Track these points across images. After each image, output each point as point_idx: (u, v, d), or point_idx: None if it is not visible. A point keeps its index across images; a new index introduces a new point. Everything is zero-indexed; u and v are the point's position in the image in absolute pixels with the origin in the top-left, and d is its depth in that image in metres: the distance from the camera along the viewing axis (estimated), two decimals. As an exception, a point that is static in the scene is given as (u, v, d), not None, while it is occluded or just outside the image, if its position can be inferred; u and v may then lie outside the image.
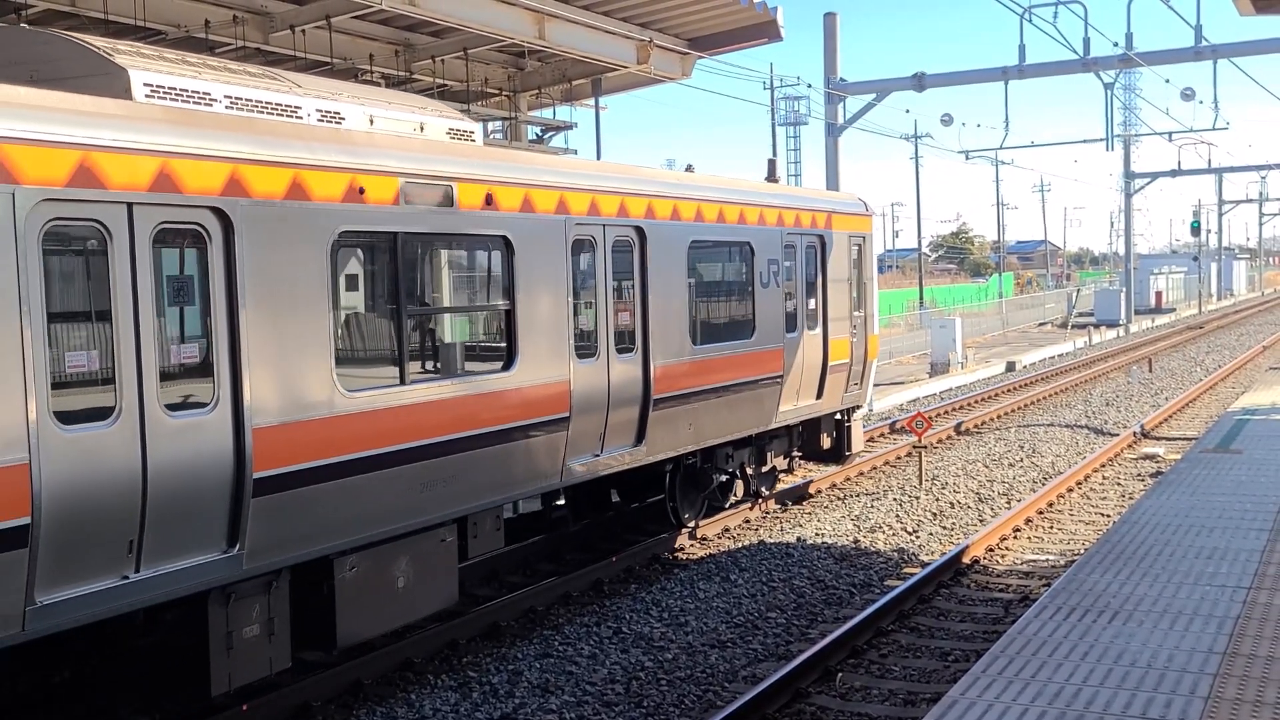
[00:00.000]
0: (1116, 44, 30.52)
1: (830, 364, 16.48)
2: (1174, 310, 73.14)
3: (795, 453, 16.70)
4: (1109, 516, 16.18)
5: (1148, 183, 68.22)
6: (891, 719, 9.41)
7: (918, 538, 15.35)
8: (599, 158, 25.91)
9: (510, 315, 10.76)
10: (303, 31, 19.65)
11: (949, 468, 19.88)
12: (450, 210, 10.09)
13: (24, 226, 6.89)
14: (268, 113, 9.28)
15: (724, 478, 15.03)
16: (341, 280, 9.41)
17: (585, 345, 11.81)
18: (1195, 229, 79.36)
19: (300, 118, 9.56)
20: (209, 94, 9.02)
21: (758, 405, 14.81)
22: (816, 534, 15.45)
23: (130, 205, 7.51)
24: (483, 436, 10.39)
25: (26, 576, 6.97)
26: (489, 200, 10.46)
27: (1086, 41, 31.23)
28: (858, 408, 17.93)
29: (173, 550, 7.82)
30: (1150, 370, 35.22)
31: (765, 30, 25.24)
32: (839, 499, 17.67)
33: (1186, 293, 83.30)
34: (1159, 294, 75.87)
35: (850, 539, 15.20)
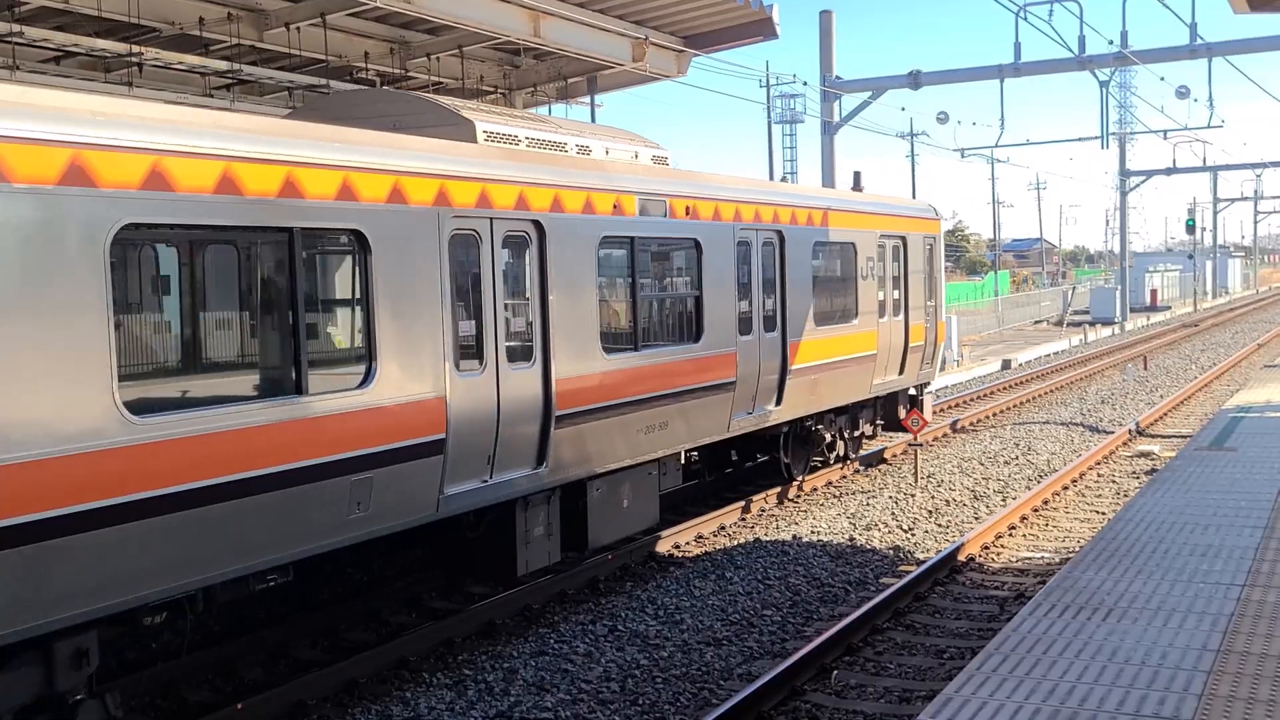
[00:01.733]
0: (1112, 42, 30.55)
1: (910, 345, 19.33)
2: (1169, 308, 73.21)
3: (878, 421, 19.34)
4: (1104, 514, 16.19)
5: (1143, 181, 68.33)
6: (887, 716, 9.41)
7: (913, 535, 15.36)
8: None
9: (699, 301, 13.90)
10: (297, 29, 19.63)
11: (944, 465, 19.89)
12: (664, 219, 13.30)
13: (441, 234, 10.09)
14: (545, 149, 12.18)
15: (829, 438, 17.81)
16: (601, 271, 12.28)
17: (745, 325, 14.78)
18: (1190, 227, 79.49)
19: (565, 151, 12.53)
20: (515, 136, 11.91)
21: (858, 378, 17.76)
22: (812, 532, 15.45)
23: (491, 219, 10.72)
24: (680, 393, 13.42)
25: (440, 475, 10.07)
26: (689, 211, 13.71)
27: (1082, 40, 31.27)
28: (928, 383, 20.69)
29: (509, 464, 10.93)
30: (1145, 368, 35.26)
31: (761, 28, 25.23)
32: (834, 497, 17.68)
33: (1181, 290, 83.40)
34: (1154, 292, 75.92)
35: (846, 537, 15.21)
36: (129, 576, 7.64)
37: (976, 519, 16.20)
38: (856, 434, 18.66)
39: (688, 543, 14.98)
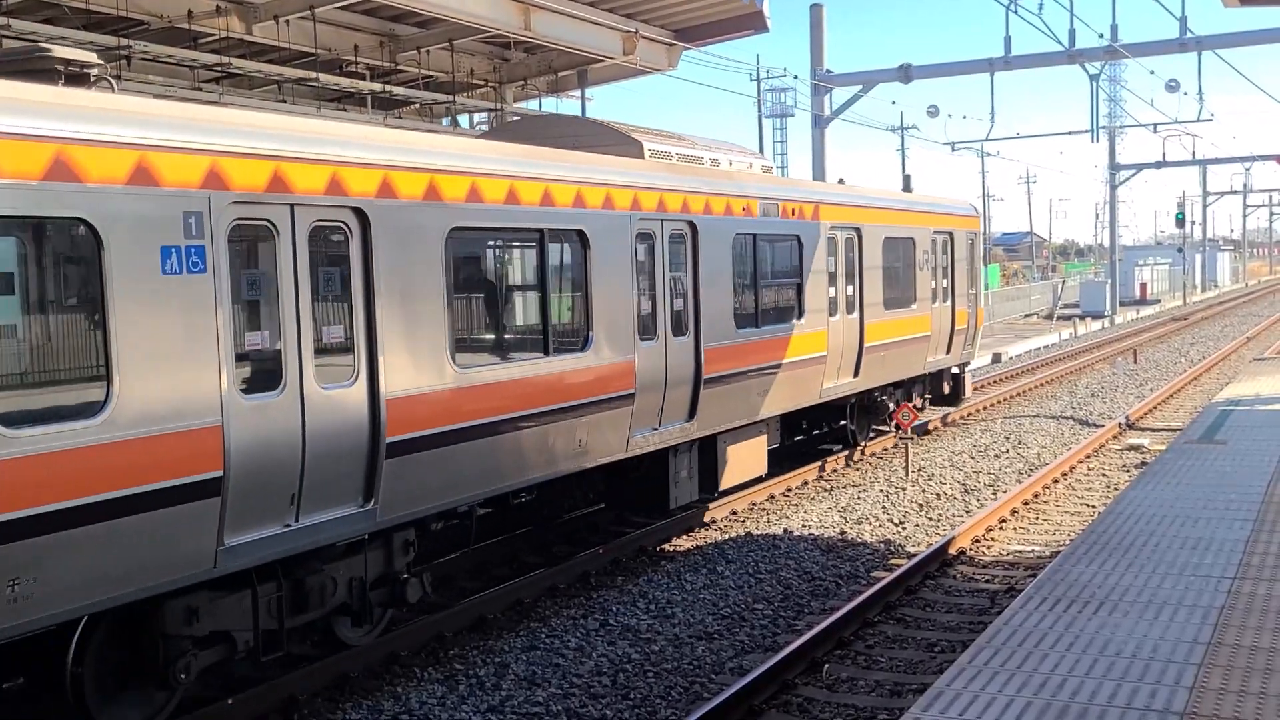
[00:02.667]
0: (1102, 35, 30.59)
1: (955, 328, 21.93)
2: (1159, 302, 73.36)
3: (927, 395, 21.98)
4: (1094, 507, 16.22)
5: (1133, 174, 68.40)
6: (878, 710, 9.42)
7: (904, 529, 15.38)
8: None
9: (800, 289, 16.27)
10: (286, 22, 19.58)
11: (935, 459, 19.92)
12: (777, 219, 15.73)
13: (631, 232, 12.70)
14: (690, 163, 14.63)
15: (893, 406, 19.90)
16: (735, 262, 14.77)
17: (833, 307, 17.31)
18: (1180, 220, 79.59)
19: (702, 163, 14.92)
20: (670, 153, 14.42)
21: (916, 356, 20.29)
22: (803, 526, 15.46)
23: (662, 221, 13.41)
24: (785, 364, 15.88)
25: (629, 421, 12.68)
26: (793, 212, 16.17)
27: (1072, 33, 31.30)
28: (969, 362, 23.35)
29: (671, 418, 13.53)
30: (1135, 361, 35.33)
31: (751, 21, 25.24)
32: (825, 490, 17.69)
33: (1171, 284, 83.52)
34: (1144, 285, 76.07)
35: (837, 530, 15.22)
36: (454, 484, 10.39)
37: (967, 512, 16.22)
38: (913, 404, 20.66)
39: (678, 537, 14.98)
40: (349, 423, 9.20)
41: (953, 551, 13.83)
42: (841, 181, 20.88)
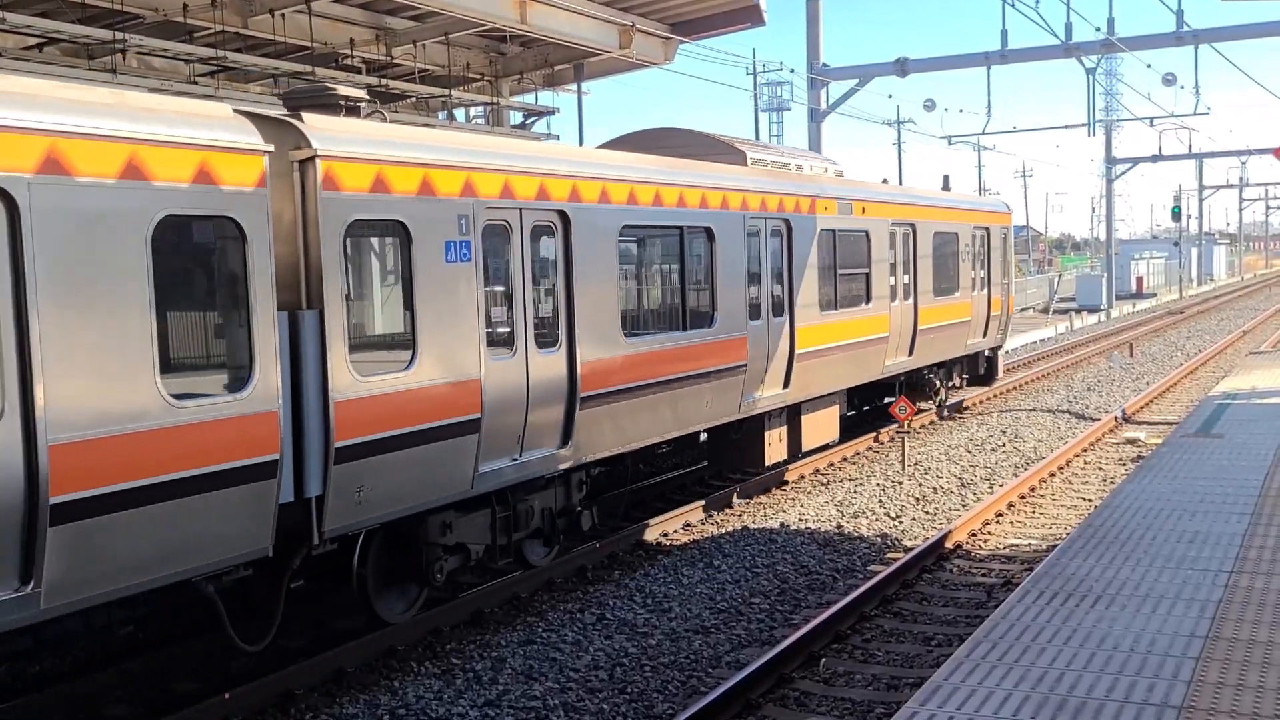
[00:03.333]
0: (1098, 29, 30.58)
1: (990, 314, 24.29)
2: (1155, 295, 73.40)
3: (965, 375, 24.20)
4: (1091, 501, 16.23)
5: (1129, 168, 68.44)
6: (875, 704, 9.42)
7: (901, 523, 15.38)
8: (581, 143, 25.81)
9: (869, 278, 18.71)
10: (282, 16, 19.53)
11: (932, 453, 19.92)
12: (850, 216, 18.08)
13: (744, 228, 15.25)
14: (780, 169, 17.15)
15: (937, 384, 22.59)
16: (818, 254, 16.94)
17: (893, 293, 19.54)
18: (1176, 214, 79.62)
19: (789, 169, 17.41)
20: (765, 160, 16.93)
21: (958, 339, 22.74)
22: (800, 519, 15.46)
23: (765, 219, 15.79)
24: (858, 343, 18.40)
25: (742, 387, 15.30)
26: (863, 210, 18.55)
27: (1068, 26, 31.31)
28: (1001, 345, 25.70)
29: (770, 386, 15.91)
30: (1131, 355, 35.35)
31: (747, 15, 25.20)
32: (822, 484, 17.69)
33: (1167, 278, 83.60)
34: (1140, 279, 76.12)
35: (833, 524, 15.22)
36: (622, 434, 12.86)
37: (964, 506, 16.22)
38: (950, 384, 23.73)
39: (675, 531, 14.98)
40: (556, 379, 11.85)
41: (949, 545, 13.83)
42: (885, 181, 22.91)
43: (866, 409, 22.04)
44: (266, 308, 8.60)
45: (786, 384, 16.42)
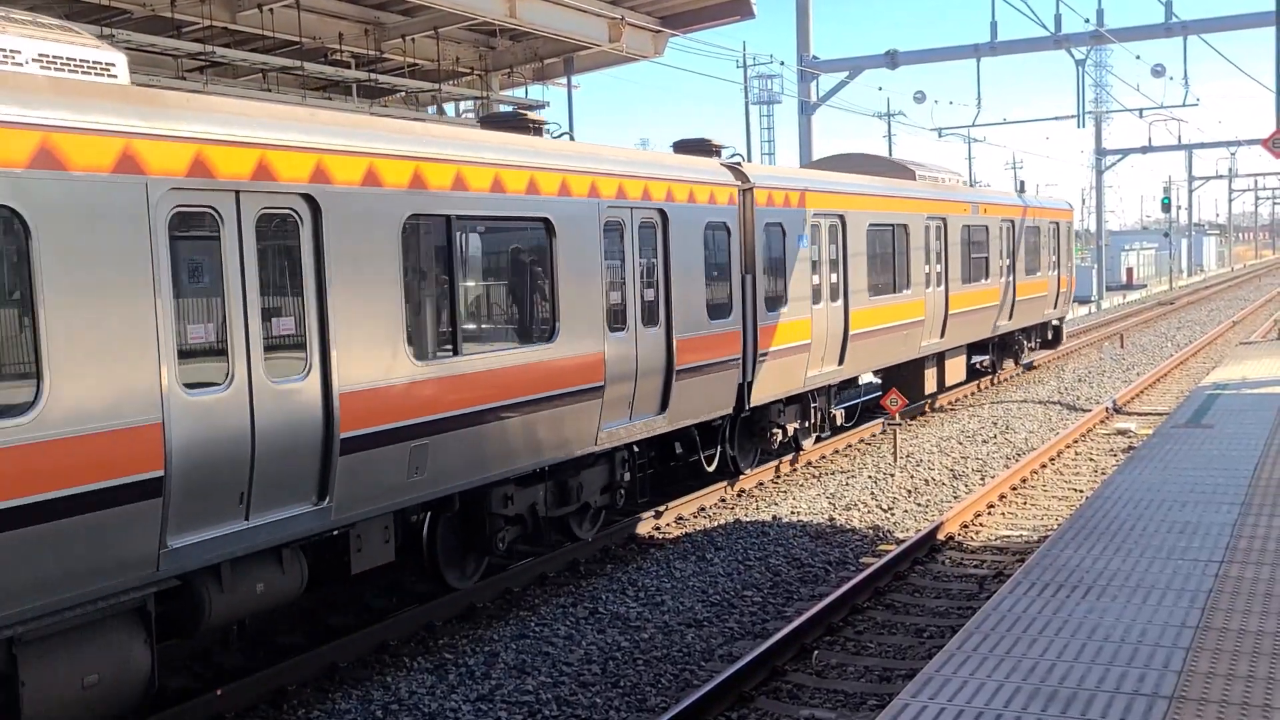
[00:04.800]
0: (1088, 20, 30.61)
1: (1060, 290, 30.69)
2: (1145, 286, 73.53)
3: (1037, 339, 30.24)
4: (1082, 492, 16.26)
5: (1119, 159, 68.47)
6: (868, 696, 9.43)
7: (893, 515, 15.40)
8: (572, 138, 25.76)
9: (986, 261, 24.68)
10: (270, 10, 19.48)
11: (923, 445, 19.95)
12: (978, 215, 23.89)
13: (924, 226, 21.69)
14: (933, 180, 23.28)
15: (1024, 344, 29.00)
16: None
17: (1002, 273, 25.90)
18: (1166, 205, 79.70)
19: (939, 181, 22.97)
20: (928, 177, 23.09)
21: (1040, 309, 29.21)
22: (792, 512, 15.47)
23: (926, 220, 21.85)
24: (980, 309, 24.42)
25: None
26: (984, 210, 24.65)
27: (1058, 18, 31.33)
28: (1065, 316, 32.04)
29: (930, 338, 21.73)
30: (1122, 346, 35.41)
31: (737, 8, 25.16)
32: (814, 477, 17.71)
33: (1157, 269, 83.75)
34: (1130, 270, 76.25)
35: (826, 517, 15.24)
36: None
37: (955, 498, 16.25)
38: (1031, 345, 29.72)
39: (668, 524, 14.99)
40: (838, 321, 17.90)
41: (941, 537, 13.85)
42: (1022, 190, 30.66)
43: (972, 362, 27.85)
44: (738, 271, 15.46)
45: (943, 334, 22.64)
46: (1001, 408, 23.90)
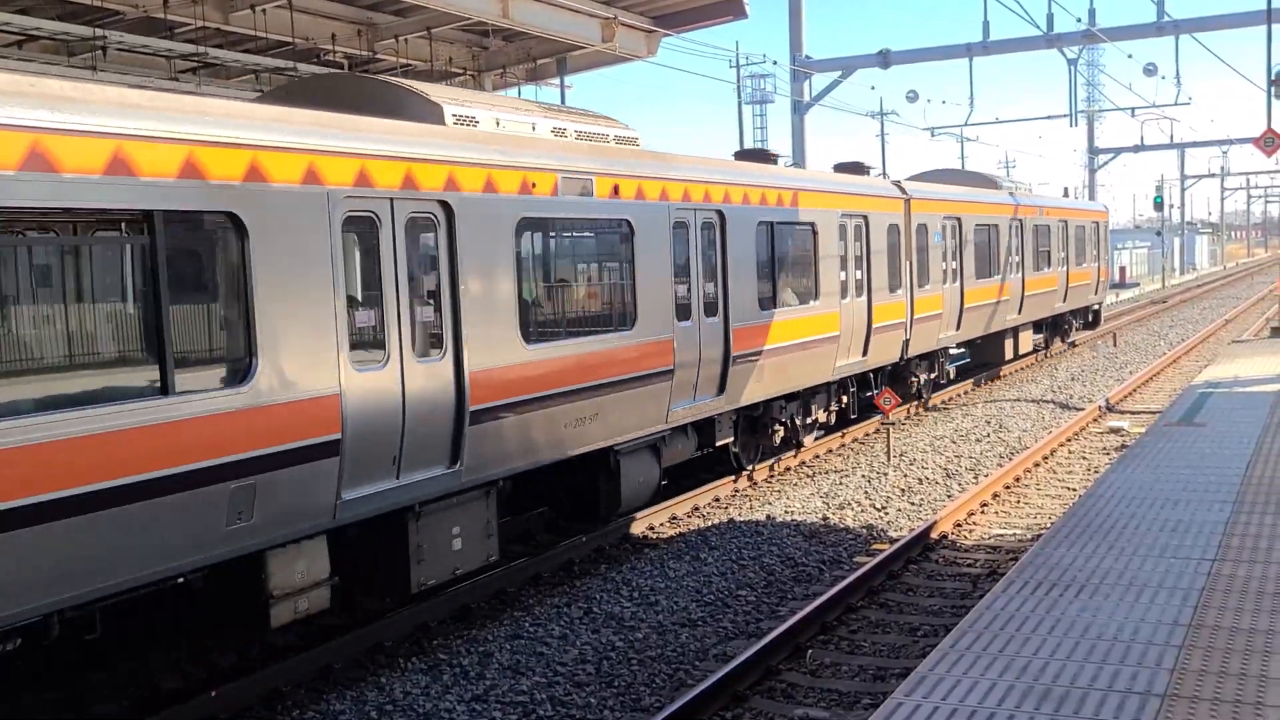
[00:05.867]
0: (1080, 20, 30.65)
1: (1100, 280, 36.58)
2: (1138, 285, 73.61)
3: (1080, 320, 35.83)
4: (1075, 490, 16.29)
5: (1111, 158, 68.62)
6: (862, 695, 9.45)
7: (886, 514, 15.42)
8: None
9: (1049, 254, 30.69)
10: (263, 11, 19.45)
11: (917, 444, 19.97)
12: (1043, 217, 30.50)
13: (1010, 225, 27.53)
14: (1010, 189, 29.90)
15: (1073, 325, 34.79)
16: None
17: (1058, 263, 31.71)
18: (1158, 204, 79.90)
19: (1018, 190, 30.40)
20: (1011, 185, 31.13)
21: (1086, 293, 35.08)
22: (786, 512, 15.49)
23: (1012, 218, 27.51)
24: (1043, 293, 30.05)
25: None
26: (1046, 212, 31.12)
27: (1050, 18, 31.36)
28: (1103, 301, 37.81)
29: (1006, 314, 26.85)
30: (1115, 345, 35.48)
31: (730, 7, 25.15)
32: (808, 476, 17.73)
33: (1150, 267, 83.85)
34: (1123, 269, 76.30)
35: (819, 516, 15.25)
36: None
37: (949, 497, 16.27)
38: (1076, 325, 35.34)
39: (662, 524, 15.00)
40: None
41: (935, 536, 13.87)
42: (1030, 190, 33.04)
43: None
44: (903, 258, 20.46)
45: (1020, 310, 28.06)
46: (995, 406, 23.94)
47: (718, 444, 15.78)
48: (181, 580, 8.50)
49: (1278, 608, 7.64)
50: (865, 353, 19.40)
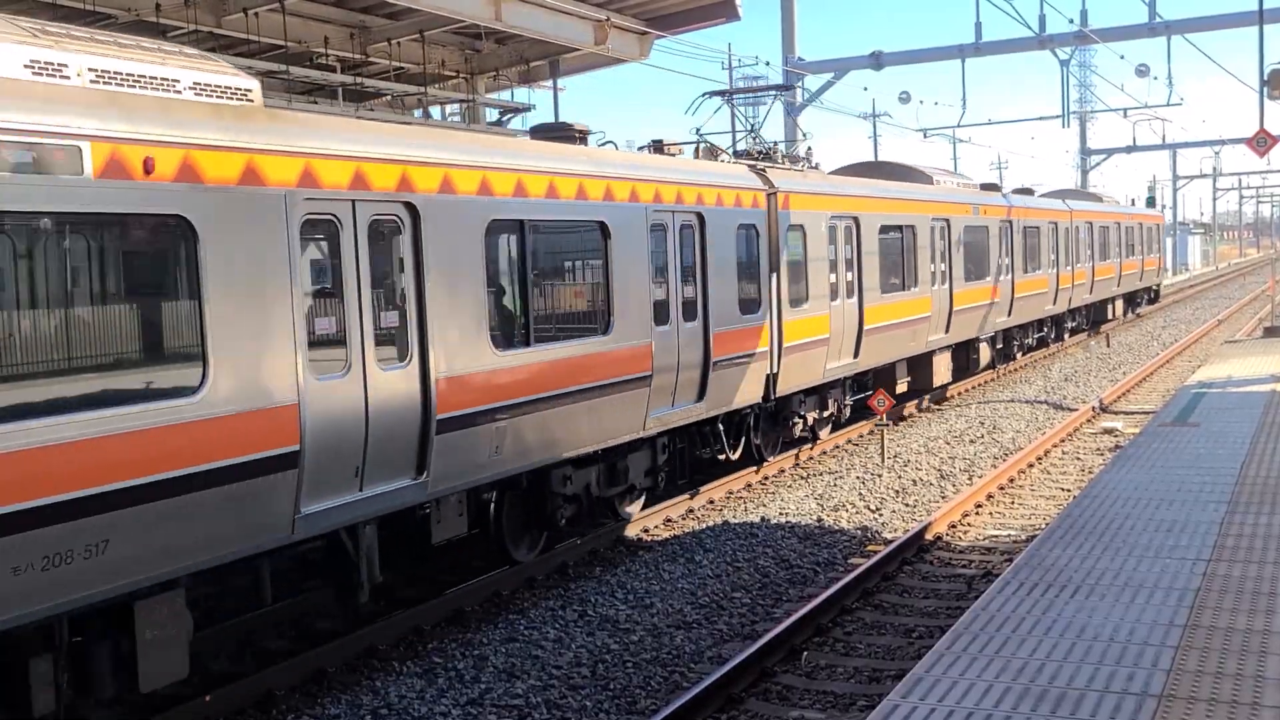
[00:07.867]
0: (1072, 21, 30.71)
1: (1145, 269, 44.45)
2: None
3: (1145, 298, 46.29)
4: (1069, 491, 16.30)
5: (1104, 159, 68.79)
6: (857, 696, 9.44)
7: (881, 515, 15.42)
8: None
9: (1124, 249, 42.09)
10: (255, 15, 19.43)
11: (911, 445, 19.97)
12: (1100, 220, 38.68)
13: (1059, 227, 33.51)
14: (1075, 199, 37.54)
15: (1120, 307, 42.03)
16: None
17: (1120, 255, 41.18)
18: (1151, 204, 79.98)
19: (1104, 199, 43.07)
20: (1076, 206, 36.02)
21: (1135, 280, 43.21)
22: (780, 513, 15.48)
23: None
24: (1100, 280, 38.11)
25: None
26: (1080, 215, 36.11)
27: (1042, 19, 31.42)
28: (1160, 283, 46.72)
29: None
30: (1108, 345, 35.52)
31: (722, 10, 25.18)
32: (802, 478, 17.72)
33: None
34: (1116, 269, 76.36)
35: (814, 518, 15.25)
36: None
37: (943, 498, 16.27)
38: (1138, 301, 44.87)
39: (656, 526, 14.98)
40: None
41: (929, 537, 13.87)
42: (1100, 199, 41.37)
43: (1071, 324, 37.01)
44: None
45: (1055, 301, 32.37)
46: (989, 407, 23.95)
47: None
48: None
49: (1273, 608, 7.65)
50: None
